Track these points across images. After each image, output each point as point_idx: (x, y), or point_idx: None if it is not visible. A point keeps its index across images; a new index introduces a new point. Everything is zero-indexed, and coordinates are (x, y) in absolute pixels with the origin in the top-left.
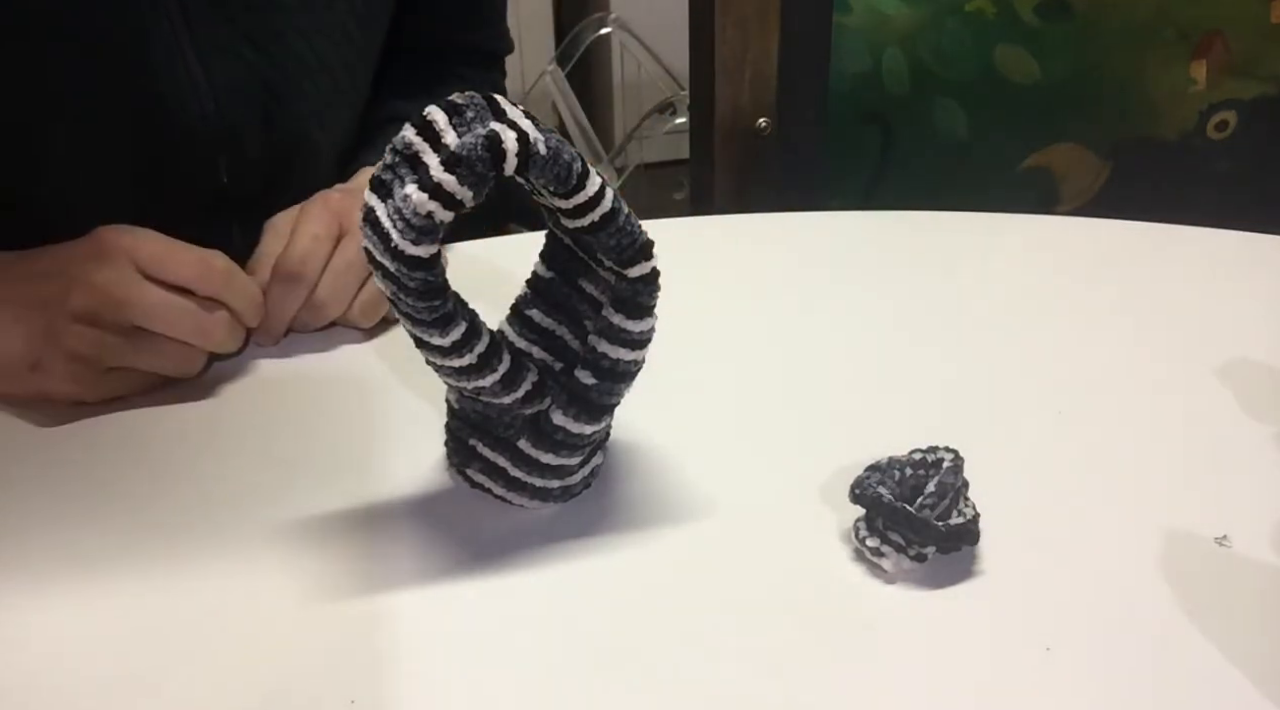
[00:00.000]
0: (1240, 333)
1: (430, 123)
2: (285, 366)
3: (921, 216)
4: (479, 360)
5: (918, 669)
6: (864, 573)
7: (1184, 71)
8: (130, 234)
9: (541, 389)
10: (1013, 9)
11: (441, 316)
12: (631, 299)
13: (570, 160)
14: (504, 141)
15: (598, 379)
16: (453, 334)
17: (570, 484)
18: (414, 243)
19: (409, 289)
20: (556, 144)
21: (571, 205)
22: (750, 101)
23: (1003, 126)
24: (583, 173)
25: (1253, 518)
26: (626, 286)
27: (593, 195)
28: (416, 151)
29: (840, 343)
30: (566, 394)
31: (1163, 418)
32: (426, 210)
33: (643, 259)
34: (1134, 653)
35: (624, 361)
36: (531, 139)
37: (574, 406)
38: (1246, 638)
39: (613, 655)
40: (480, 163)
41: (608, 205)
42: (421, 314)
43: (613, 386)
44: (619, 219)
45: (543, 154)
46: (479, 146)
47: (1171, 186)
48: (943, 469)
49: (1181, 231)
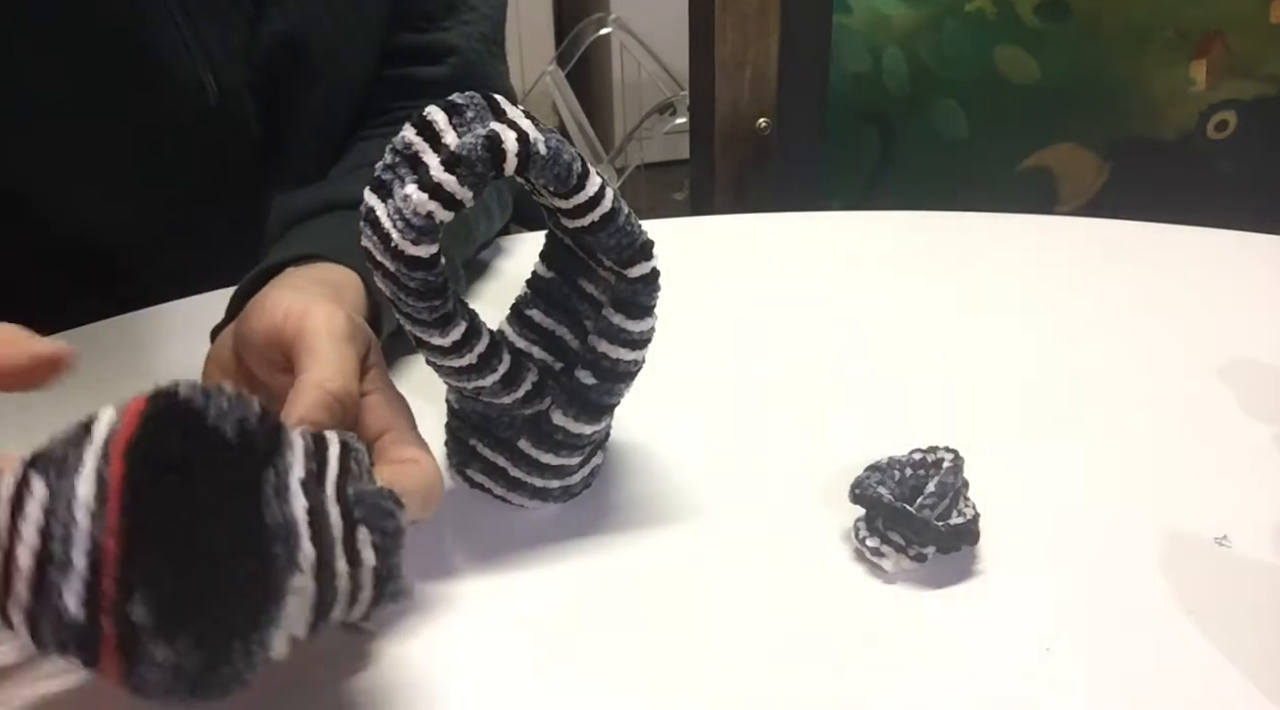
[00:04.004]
0: (1240, 333)
1: (430, 122)
2: None
3: (921, 216)
4: (479, 360)
5: (918, 669)
6: (864, 573)
7: (1184, 71)
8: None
9: (541, 389)
10: (1013, 9)
11: (441, 317)
12: (631, 299)
13: (570, 160)
14: (504, 141)
15: (598, 379)
16: (453, 334)
17: (570, 484)
18: (414, 243)
19: (409, 289)
20: (556, 144)
21: (571, 205)
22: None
23: (1003, 126)
24: (583, 173)
25: (1253, 518)
26: (626, 286)
27: (593, 195)
28: (416, 151)
29: (840, 342)
30: (566, 394)
31: (1163, 418)
32: (426, 210)
33: (643, 259)
34: (1134, 653)
35: (624, 361)
36: (531, 139)
37: (574, 406)
38: (1246, 638)
39: (612, 655)
40: (480, 163)
41: (608, 205)
42: (421, 314)
43: (613, 386)
44: (619, 219)
45: (543, 154)
46: (479, 146)
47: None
48: (943, 469)
49: (1181, 231)
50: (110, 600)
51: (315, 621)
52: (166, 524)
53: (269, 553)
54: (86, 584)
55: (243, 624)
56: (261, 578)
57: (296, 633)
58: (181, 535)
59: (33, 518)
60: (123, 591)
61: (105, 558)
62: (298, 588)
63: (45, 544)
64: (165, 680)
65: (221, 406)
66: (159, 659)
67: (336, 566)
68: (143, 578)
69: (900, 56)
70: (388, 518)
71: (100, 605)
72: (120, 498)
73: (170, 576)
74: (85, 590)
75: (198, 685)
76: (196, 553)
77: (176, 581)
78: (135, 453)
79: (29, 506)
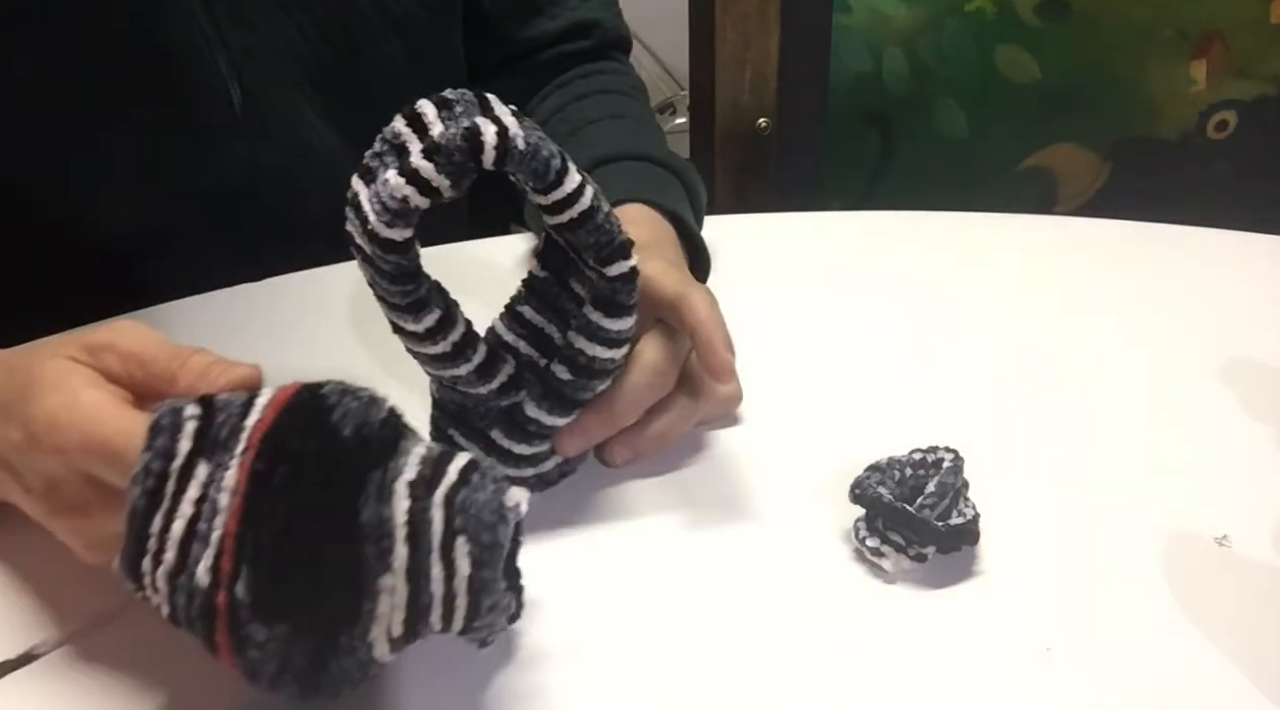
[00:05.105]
0: (1240, 333)
1: (420, 114)
2: (271, 358)
3: (921, 216)
4: (453, 349)
5: (918, 669)
6: (864, 573)
7: (1184, 71)
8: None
9: (518, 381)
10: (1013, 9)
11: (415, 302)
12: (610, 297)
13: (549, 157)
14: (483, 134)
15: (573, 374)
16: (426, 320)
17: (544, 472)
18: (388, 225)
19: (383, 272)
20: (536, 140)
21: (550, 201)
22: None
23: (1003, 126)
24: (561, 169)
25: (1253, 518)
26: (605, 285)
27: (570, 192)
28: (404, 140)
29: (840, 342)
30: (541, 387)
31: (1163, 418)
32: (402, 195)
33: (621, 258)
34: (1134, 653)
35: (600, 359)
36: (511, 134)
37: (548, 400)
38: (1246, 638)
39: (611, 654)
40: (458, 153)
41: (586, 203)
42: (395, 297)
43: (587, 383)
44: (597, 217)
45: (520, 149)
46: (458, 137)
47: (1171, 186)
48: (943, 469)
49: (1181, 231)
50: (226, 576)
51: (412, 624)
52: (271, 512)
53: (359, 549)
54: (214, 557)
55: (339, 618)
56: (352, 572)
57: (395, 633)
58: (281, 524)
59: (191, 496)
60: (234, 569)
61: (227, 537)
62: (388, 587)
63: (196, 519)
64: (273, 668)
65: (349, 407)
66: (259, 639)
67: (431, 572)
68: (249, 558)
69: (900, 56)
70: (487, 531)
71: (219, 580)
72: (244, 484)
73: (268, 560)
74: (212, 563)
75: (306, 678)
76: (293, 541)
77: (273, 565)
78: (265, 443)
79: (190, 488)
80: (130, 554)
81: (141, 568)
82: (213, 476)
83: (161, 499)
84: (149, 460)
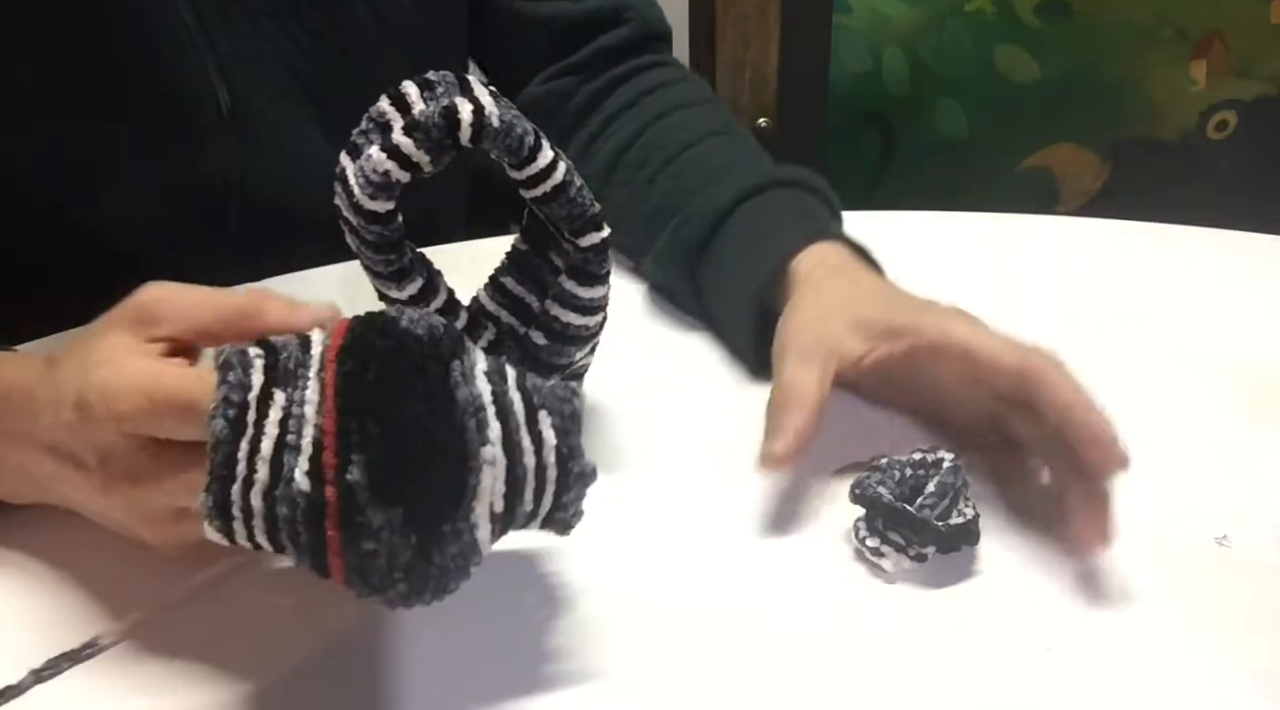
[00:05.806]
0: (1240, 333)
1: (404, 94)
2: None
3: (922, 216)
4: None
5: (918, 669)
6: (864, 573)
7: (1184, 71)
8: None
9: (498, 348)
10: (1013, 9)
11: (398, 270)
12: (582, 266)
13: (523, 134)
14: (460, 113)
15: (549, 340)
16: (409, 288)
17: None
18: (370, 197)
19: (367, 241)
20: (511, 118)
21: (525, 176)
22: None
23: (1003, 126)
24: (535, 146)
25: (1253, 518)
26: (579, 255)
27: (544, 167)
28: (387, 118)
29: None
30: (519, 352)
31: (1163, 417)
32: (384, 169)
33: (593, 229)
34: (1134, 653)
35: (574, 325)
36: (486, 113)
37: (525, 364)
38: (1246, 638)
39: (610, 654)
40: (436, 129)
41: (559, 177)
42: (379, 266)
43: (562, 349)
44: (570, 191)
45: (495, 127)
46: (436, 115)
47: (1171, 186)
48: (943, 469)
49: (1181, 231)
50: (331, 468)
51: (510, 499)
52: (373, 400)
53: (462, 424)
54: (310, 459)
55: (447, 498)
56: (458, 448)
57: (497, 508)
58: (386, 409)
59: (274, 418)
60: (341, 459)
61: (325, 436)
62: (490, 458)
63: (283, 435)
64: (383, 564)
65: (413, 316)
66: (375, 525)
67: (522, 444)
68: (358, 444)
69: (900, 56)
70: (565, 403)
71: (323, 475)
72: (334, 387)
73: (379, 442)
74: (310, 464)
75: (412, 574)
76: (401, 423)
77: (384, 446)
78: (344, 354)
79: (272, 411)
80: (218, 485)
81: (230, 496)
82: (291, 398)
83: (245, 426)
84: (227, 392)
